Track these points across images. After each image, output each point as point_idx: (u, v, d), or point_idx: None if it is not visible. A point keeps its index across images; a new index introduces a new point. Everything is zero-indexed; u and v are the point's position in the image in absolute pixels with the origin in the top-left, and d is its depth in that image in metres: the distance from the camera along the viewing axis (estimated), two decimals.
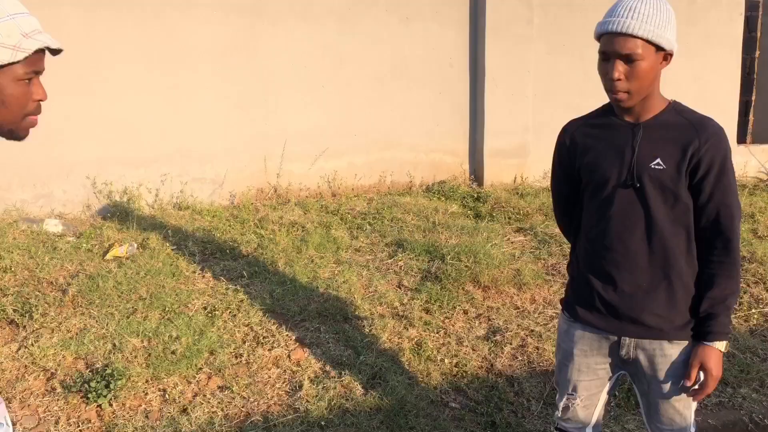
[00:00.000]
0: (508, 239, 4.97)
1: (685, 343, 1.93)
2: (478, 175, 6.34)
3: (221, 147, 5.59)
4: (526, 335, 3.70)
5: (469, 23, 6.17)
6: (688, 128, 1.83)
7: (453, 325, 3.77)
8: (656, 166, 1.83)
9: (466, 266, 4.29)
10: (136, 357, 3.24)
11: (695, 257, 1.90)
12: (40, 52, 1.31)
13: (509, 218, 5.46)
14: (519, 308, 4.02)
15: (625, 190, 1.87)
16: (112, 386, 2.96)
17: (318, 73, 5.77)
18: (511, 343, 3.62)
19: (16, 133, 1.35)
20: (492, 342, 3.63)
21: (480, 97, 6.20)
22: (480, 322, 3.82)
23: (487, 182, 6.23)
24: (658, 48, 1.77)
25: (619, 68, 1.77)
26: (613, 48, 1.77)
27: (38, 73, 1.32)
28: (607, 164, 1.90)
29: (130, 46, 5.22)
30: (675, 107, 1.90)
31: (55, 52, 1.34)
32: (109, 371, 3.06)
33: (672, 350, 1.93)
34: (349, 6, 5.79)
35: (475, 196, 5.92)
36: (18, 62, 1.27)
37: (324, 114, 5.84)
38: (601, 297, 1.96)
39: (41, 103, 1.35)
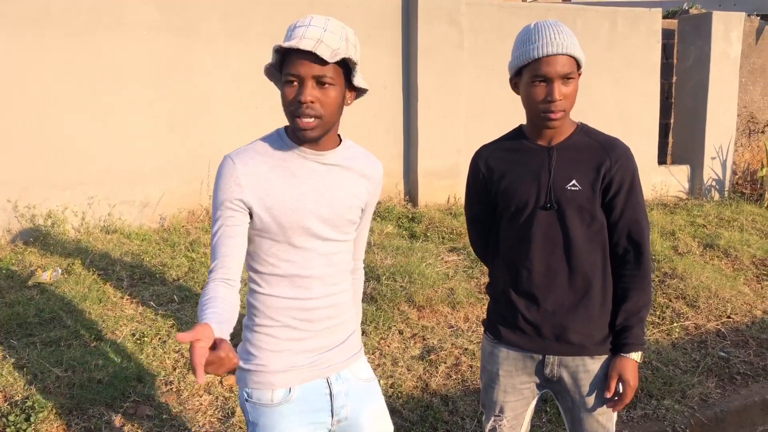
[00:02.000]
0: (442, 258, 5.03)
1: (605, 357, 2.00)
2: (413, 196, 6.41)
3: (151, 168, 5.47)
4: (460, 354, 3.74)
5: (402, 46, 6.27)
6: (599, 149, 1.92)
7: (388, 346, 3.78)
8: (572, 188, 1.90)
9: (401, 286, 4.32)
10: (59, 387, 3.11)
11: (609, 271, 1.99)
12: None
13: (443, 238, 5.53)
14: (453, 327, 4.06)
15: (543, 212, 1.93)
16: (32, 419, 2.83)
17: (253, 93, 5.74)
18: (445, 362, 3.65)
19: None
20: (426, 361, 3.65)
21: (414, 118, 6.29)
22: (415, 342, 3.85)
23: (422, 202, 6.31)
24: (579, 66, 1.86)
25: (562, 89, 1.83)
26: (555, 69, 1.81)
27: None
28: (525, 188, 1.95)
29: (57, 64, 5.07)
30: (583, 129, 1.98)
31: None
32: (29, 403, 2.92)
33: (594, 365, 1.99)
34: (284, 27, 5.79)
35: (410, 216, 5.98)
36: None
37: (259, 135, 5.78)
38: (524, 317, 2.00)
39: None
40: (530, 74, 1.85)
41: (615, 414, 2.06)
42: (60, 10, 5.06)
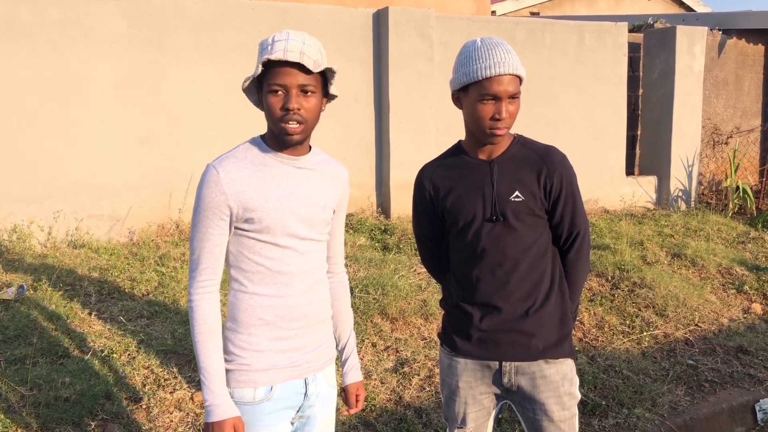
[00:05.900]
0: (415, 270, 5.04)
1: (561, 361, 2.04)
2: (385, 207, 6.42)
3: (120, 182, 5.40)
4: (434, 365, 3.74)
5: (373, 59, 6.29)
6: (537, 159, 2.00)
7: (362, 359, 3.76)
8: (516, 198, 1.97)
9: (374, 298, 4.31)
10: (24, 407, 3.04)
11: (557, 274, 2.06)
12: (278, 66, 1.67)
13: (415, 249, 5.54)
14: (426, 339, 4.06)
15: (490, 223, 1.99)
16: None
17: (223, 106, 5.70)
18: (418, 374, 3.65)
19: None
20: (400, 374, 3.65)
21: (385, 131, 6.31)
22: (388, 354, 3.84)
23: (394, 214, 6.32)
24: (521, 83, 1.94)
25: (509, 107, 1.89)
26: (506, 88, 1.88)
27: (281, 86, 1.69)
28: (471, 202, 2.00)
29: (23, 77, 4.99)
30: (520, 140, 2.06)
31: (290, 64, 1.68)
32: None
33: (550, 371, 2.02)
34: (254, 41, 5.78)
35: (383, 228, 5.98)
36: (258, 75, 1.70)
37: (230, 147, 5.75)
38: (479, 326, 2.03)
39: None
40: (478, 92, 1.90)
41: (576, 422, 2.08)
42: (27, 22, 4.99)
